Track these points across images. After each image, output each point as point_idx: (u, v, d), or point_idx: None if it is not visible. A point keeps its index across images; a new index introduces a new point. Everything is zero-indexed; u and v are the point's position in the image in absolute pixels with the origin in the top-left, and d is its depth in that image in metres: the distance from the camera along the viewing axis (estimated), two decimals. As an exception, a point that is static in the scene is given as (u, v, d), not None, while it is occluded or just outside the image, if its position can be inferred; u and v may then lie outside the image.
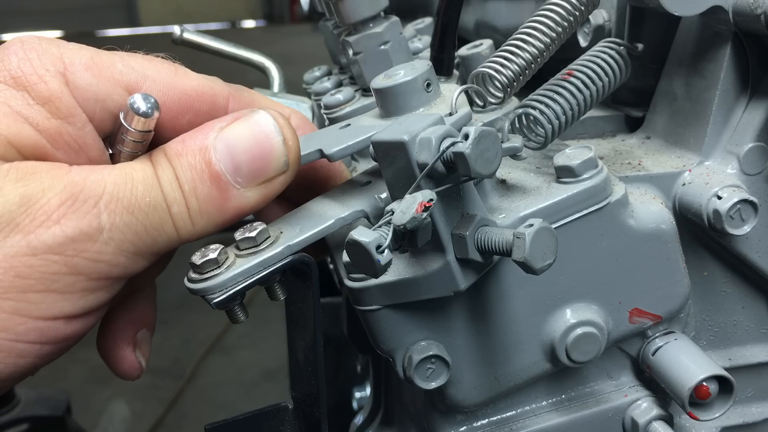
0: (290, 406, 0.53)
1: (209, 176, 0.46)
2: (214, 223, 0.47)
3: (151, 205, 0.45)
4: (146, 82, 0.48)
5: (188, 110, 0.50)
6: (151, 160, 0.47)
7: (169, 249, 0.47)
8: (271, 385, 2.59)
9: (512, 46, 0.56)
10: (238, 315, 0.49)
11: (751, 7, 0.54)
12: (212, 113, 0.50)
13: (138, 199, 0.44)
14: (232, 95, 0.52)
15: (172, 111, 0.49)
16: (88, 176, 0.43)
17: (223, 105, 0.51)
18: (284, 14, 11.71)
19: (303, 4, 11.10)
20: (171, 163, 0.46)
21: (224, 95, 0.51)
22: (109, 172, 0.44)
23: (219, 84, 0.52)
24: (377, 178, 0.54)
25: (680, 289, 0.59)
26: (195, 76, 0.51)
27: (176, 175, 0.46)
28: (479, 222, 0.47)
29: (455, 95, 0.50)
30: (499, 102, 0.57)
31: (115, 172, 0.45)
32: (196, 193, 0.46)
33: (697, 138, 0.62)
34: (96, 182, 0.43)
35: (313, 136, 0.56)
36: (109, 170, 0.45)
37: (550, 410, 0.61)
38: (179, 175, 0.46)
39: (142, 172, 0.45)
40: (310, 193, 0.55)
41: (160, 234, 0.46)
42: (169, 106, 0.49)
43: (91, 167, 0.45)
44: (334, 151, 0.51)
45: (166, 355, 2.81)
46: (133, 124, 0.46)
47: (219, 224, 0.48)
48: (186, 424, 2.43)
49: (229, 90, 0.52)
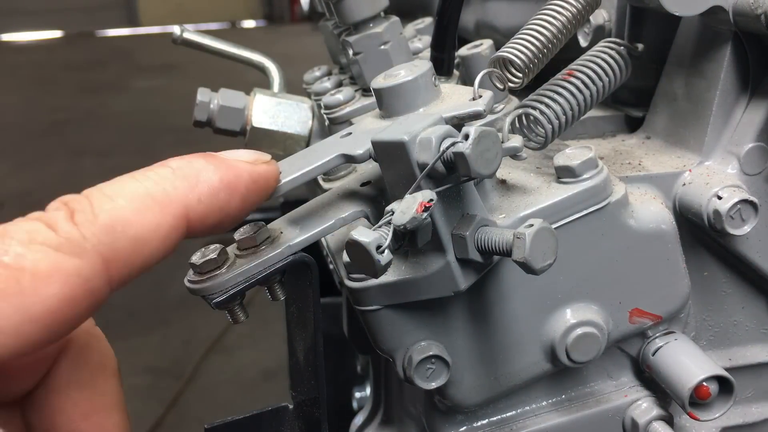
0: (290, 406, 0.53)
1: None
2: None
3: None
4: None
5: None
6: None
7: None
8: (271, 385, 2.59)
9: (530, 30, 0.56)
10: (238, 315, 0.49)
11: (751, 7, 0.54)
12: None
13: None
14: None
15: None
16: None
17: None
18: (284, 14, 11.70)
19: (303, 4, 11.09)
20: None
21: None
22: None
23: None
24: (377, 178, 0.54)
25: (680, 289, 0.59)
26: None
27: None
28: (479, 222, 0.47)
29: (477, 79, 0.50)
30: (518, 86, 0.56)
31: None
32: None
33: (698, 138, 0.62)
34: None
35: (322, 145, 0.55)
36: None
37: (550, 410, 0.61)
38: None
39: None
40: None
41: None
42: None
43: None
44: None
45: (166, 355, 2.81)
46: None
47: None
48: (186, 424, 2.43)
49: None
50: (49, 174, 4.59)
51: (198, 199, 0.41)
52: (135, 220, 0.38)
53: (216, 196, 0.42)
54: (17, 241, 0.35)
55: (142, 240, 0.38)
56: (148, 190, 0.39)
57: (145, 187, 0.40)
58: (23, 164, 4.86)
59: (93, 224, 0.37)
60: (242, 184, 0.43)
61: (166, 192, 0.40)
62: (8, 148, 5.20)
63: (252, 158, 0.45)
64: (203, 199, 0.41)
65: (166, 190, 0.40)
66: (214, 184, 0.42)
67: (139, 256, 0.38)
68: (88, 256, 0.36)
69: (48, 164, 4.79)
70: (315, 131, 0.89)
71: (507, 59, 0.55)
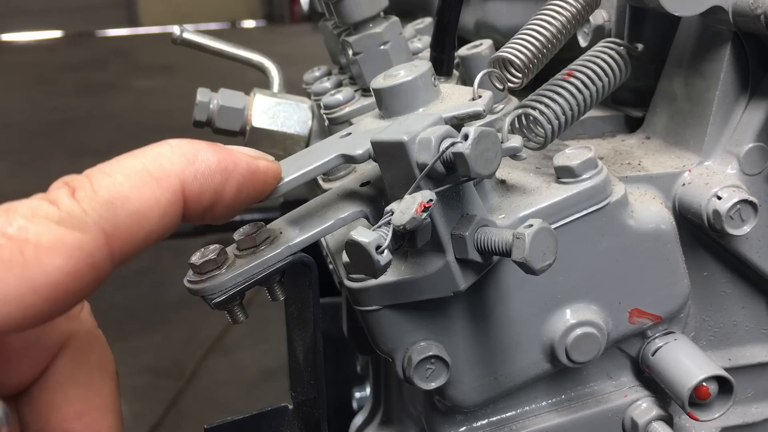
0: (290, 406, 0.53)
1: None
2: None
3: None
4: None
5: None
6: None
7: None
8: (271, 385, 2.59)
9: (530, 30, 0.56)
10: (238, 315, 0.49)
11: (751, 7, 0.54)
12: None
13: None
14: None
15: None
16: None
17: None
18: (284, 14, 11.70)
19: (303, 4, 11.08)
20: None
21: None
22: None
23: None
24: (377, 178, 0.54)
25: (680, 289, 0.59)
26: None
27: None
28: (479, 222, 0.47)
29: (477, 79, 0.50)
30: (518, 86, 0.56)
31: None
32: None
33: (697, 138, 0.62)
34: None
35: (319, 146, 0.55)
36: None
37: (550, 410, 0.61)
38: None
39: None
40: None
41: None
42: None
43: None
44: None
45: (166, 355, 2.81)
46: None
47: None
48: (186, 424, 2.43)
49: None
50: (49, 174, 4.56)
51: (194, 176, 0.41)
52: (133, 195, 0.39)
53: (212, 176, 0.42)
54: (21, 215, 0.36)
55: (141, 214, 0.39)
56: (145, 166, 0.40)
57: (143, 163, 0.40)
58: (23, 164, 4.86)
59: (93, 200, 0.38)
60: (239, 171, 0.43)
61: (163, 167, 0.40)
62: (8, 148, 5.20)
63: (254, 154, 0.46)
64: (199, 177, 0.41)
65: (163, 165, 0.41)
66: (212, 164, 0.42)
67: (139, 231, 0.39)
68: (90, 230, 0.37)
69: (48, 164, 4.79)
70: (315, 131, 0.89)
71: (507, 59, 0.55)
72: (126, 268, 2.32)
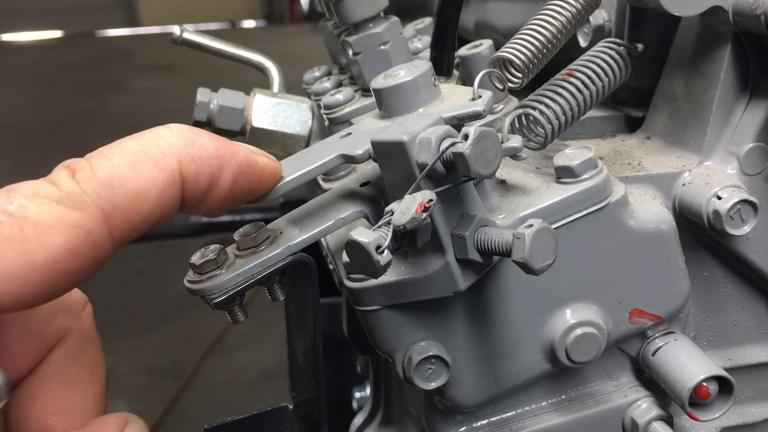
0: (290, 406, 0.53)
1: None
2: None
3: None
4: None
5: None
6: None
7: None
8: (271, 385, 2.59)
9: (530, 30, 0.56)
10: (238, 315, 0.49)
11: (751, 7, 0.54)
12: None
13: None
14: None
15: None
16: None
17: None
18: (284, 14, 11.70)
19: (303, 4, 11.09)
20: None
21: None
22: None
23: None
24: (377, 178, 0.54)
25: (680, 289, 0.59)
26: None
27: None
28: (479, 222, 0.47)
29: (477, 79, 0.50)
30: (518, 86, 0.56)
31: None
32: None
33: (697, 138, 0.62)
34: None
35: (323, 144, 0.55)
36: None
37: (550, 410, 0.61)
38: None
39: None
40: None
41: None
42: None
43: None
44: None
45: (166, 355, 2.81)
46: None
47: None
48: (186, 424, 2.43)
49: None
50: (48, 174, 4.58)
51: (191, 157, 0.42)
52: (131, 175, 0.39)
53: (209, 161, 0.42)
54: (21, 194, 0.37)
55: (139, 194, 0.40)
56: (143, 147, 0.41)
57: (141, 145, 0.41)
58: (23, 164, 4.86)
59: (92, 180, 0.39)
60: (236, 161, 0.44)
61: (161, 147, 0.41)
62: (8, 148, 5.20)
63: (254, 150, 0.46)
64: (196, 159, 0.42)
65: (161, 146, 0.41)
66: (209, 149, 0.43)
67: (138, 211, 0.40)
68: (89, 209, 0.38)
69: (48, 164, 4.69)
70: (315, 131, 0.89)
71: (507, 59, 0.55)
72: (126, 268, 2.33)
